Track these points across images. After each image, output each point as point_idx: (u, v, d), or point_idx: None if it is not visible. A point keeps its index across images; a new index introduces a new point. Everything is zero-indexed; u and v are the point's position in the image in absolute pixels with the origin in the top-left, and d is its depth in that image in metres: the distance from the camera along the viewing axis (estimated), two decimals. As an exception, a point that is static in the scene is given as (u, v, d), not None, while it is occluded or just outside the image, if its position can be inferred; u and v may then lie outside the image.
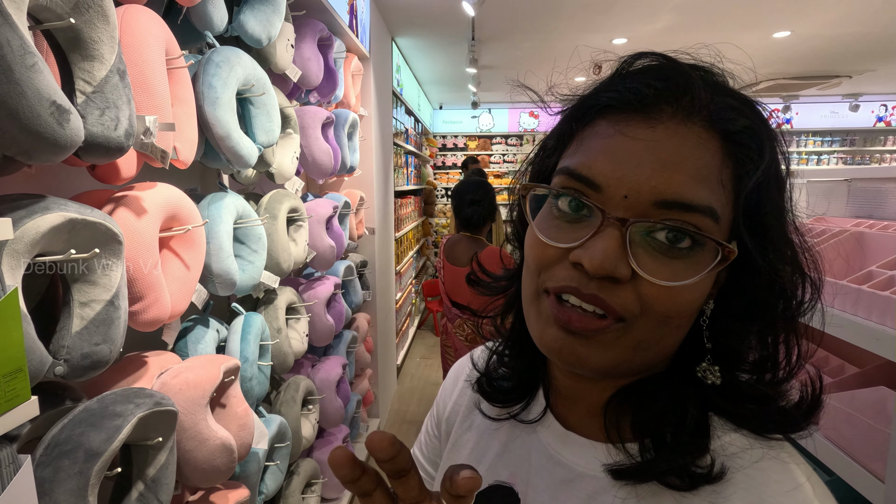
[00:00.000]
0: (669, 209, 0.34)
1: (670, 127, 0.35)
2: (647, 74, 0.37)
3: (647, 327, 0.36)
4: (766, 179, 0.36)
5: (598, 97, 0.39)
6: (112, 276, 0.71)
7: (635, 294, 0.35)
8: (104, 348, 0.69)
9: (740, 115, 0.36)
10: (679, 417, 0.38)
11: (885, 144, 6.90)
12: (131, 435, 0.69)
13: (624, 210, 0.35)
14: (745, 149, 0.36)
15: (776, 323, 0.38)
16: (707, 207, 0.34)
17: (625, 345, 0.36)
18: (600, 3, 2.99)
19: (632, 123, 0.36)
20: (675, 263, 0.35)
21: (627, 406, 0.40)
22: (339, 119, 1.90)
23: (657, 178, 0.34)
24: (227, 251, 1.08)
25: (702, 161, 0.35)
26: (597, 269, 0.34)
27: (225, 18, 1.07)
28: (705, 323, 0.39)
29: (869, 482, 0.70)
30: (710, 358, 0.39)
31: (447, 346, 2.40)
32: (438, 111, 7.25)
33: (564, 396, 0.45)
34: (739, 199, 0.36)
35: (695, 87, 0.36)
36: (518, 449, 0.46)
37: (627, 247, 0.34)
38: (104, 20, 0.65)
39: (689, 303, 0.36)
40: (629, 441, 0.39)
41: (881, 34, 3.67)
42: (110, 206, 0.80)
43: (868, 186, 1.20)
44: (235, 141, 1.05)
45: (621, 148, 0.36)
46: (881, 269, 0.76)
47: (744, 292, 0.38)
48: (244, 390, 1.15)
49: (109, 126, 0.67)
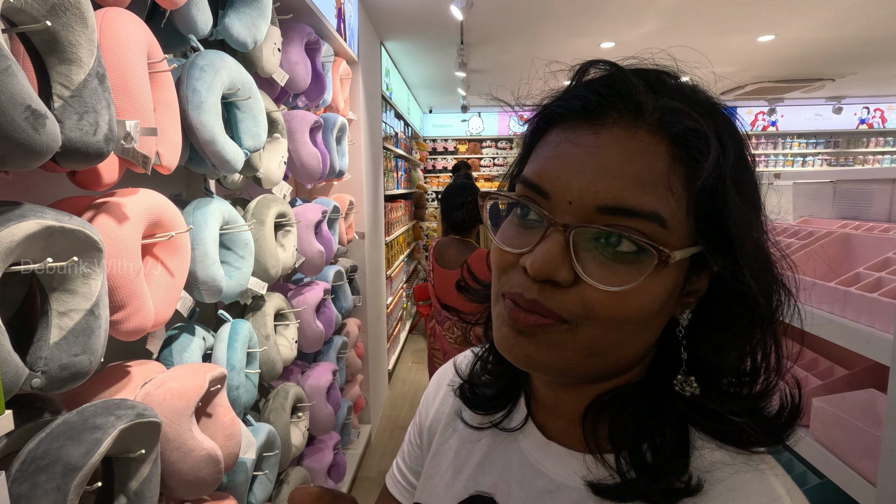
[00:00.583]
0: (612, 215, 0.34)
1: (614, 132, 0.36)
2: (595, 83, 0.38)
3: (594, 331, 0.36)
4: (721, 182, 0.35)
5: (550, 107, 0.40)
6: (92, 285, 0.69)
7: (579, 298, 0.35)
8: (84, 359, 0.67)
9: (686, 118, 0.35)
10: (656, 431, 0.37)
11: (867, 146, 7.02)
12: (112, 448, 0.67)
13: (569, 216, 0.35)
14: (692, 151, 0.35)
15: (751, 333, 0.38)
16: (651, 213, 0.34)
17: (574, 348, 0.36)
18: (587, 8, 3.01)
19: (578, 130, 0.37)
20: (620, 269, 0.35)
21: (604, 416, 0.40)
22: (327, 123, 1.89)
23: (599, 183, 0.34)
24: (212, 257, 1.06)
25: (645, 165, 0.34)
26: (536, 272, 0.35)
27: (209, 22, 1.06)
28: (681, 333, 0.39)
29: (860, 485, 0.70)
30: (686, 369, 0.38)
31: (435, 350, 2.39)
32: (428, 115, 7.25)
33: (544, 405, 0.45)
34: (689, 203, 0.35)
35: (639, 92, 0.36)
36: (500, 458, 0.46)
37: (571, 251, 0.35)
38: (82, 23, 0.64)
39: (638, 308, 0.35)
40: (607, 452, 0.39)
41: (862, 38, 3.74)
42: (90, 212, 0.78)
43: (853, 188, 1.22)
44: (221, 146, 1.04)
45: (566, 155, 0.36)
46: (868, 270, 0.76)
47: (716, 301, 0.38)
48: (231, 399, 1.13)
49: (88, 131, 0.65)
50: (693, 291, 0.38)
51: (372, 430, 2.91)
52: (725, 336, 0.38)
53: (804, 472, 0.89)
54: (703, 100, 0.38)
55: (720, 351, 0.38)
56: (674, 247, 0.35)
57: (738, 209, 0.35)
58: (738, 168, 0.36)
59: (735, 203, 0.35)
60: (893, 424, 0.63)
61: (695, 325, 0.39)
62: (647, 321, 0.37)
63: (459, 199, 2.22)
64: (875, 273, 0.75)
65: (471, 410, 0.50)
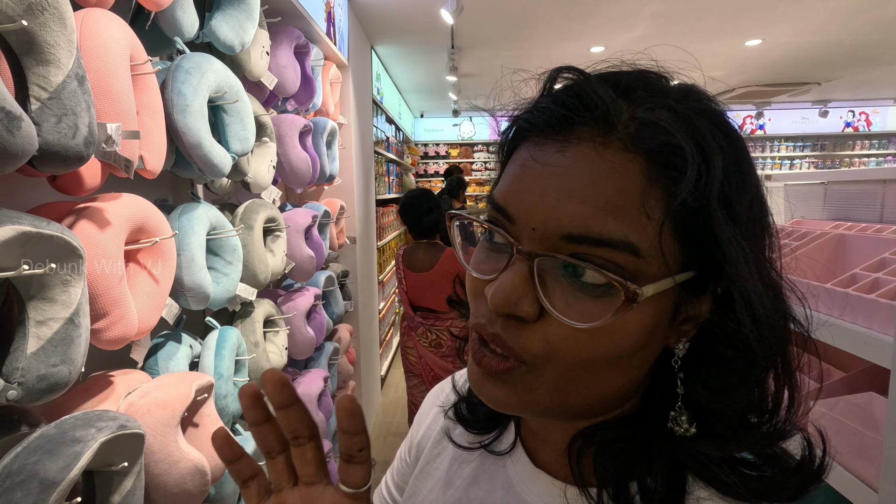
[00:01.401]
0: (578, 243, 0.30)
1: (582, 150, 0.31)
2: (562, 92, 0.34)
3: (557, 371, 0.32)
4: (705, 204, 0.30)
5: (518, 120, 0.36)
6: (72, 292, 0.67)
7: (542, 335, 0.32)
8: (62, 369, 0.65)
9: (662, 132, 0.30)
10: (645, 470, 0.34)
11: (853, 149, 7.13)
12: (93, 461, 0.65)
13: (534, 243, 0.32)
14: (670, 170, 0.30)
15: (748, 374, 0.33)
16: (621, 241, 0.30)
17: (541, 389, 0.33)
18: (577, 12, 3.03)
19: (544, 147, 0.33)
20: (587, 303, 0.30)
21: (590, 449, 0.36)
22: (317, 127, 1.87)
23: (562, 209, 0.30)
24: (199, 263, 1.04)
25: (615, 188, 0.30)
26: (496, 305, 0.32)
27: (195, 24, 1.04)
28: (677, 364, 0.34)
29: (860, 490, 0.69)
30: (682, 405, 0.34)
31: (408, 348, 2.41)
32: (420, 119, 7.26)
33: (534, 432, 0.43)
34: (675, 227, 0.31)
35: (609, 105, 0.31)
36: (487, 483, 0.44)
37: (535, 282, 0.31)
38: (60, 23, 0.62)
39: (610, 347, 0.31)
40: (592, 486, 0.36)
41: (847, 43, 3.80)
42: (71, 218, 0.75)
43: (844, 189, 1.22)
44: (207, 149, 1.02)
45: (530, 175, 0.33)
46: (864, 271, 0.76)
47: (714, 333, 0.33)
48: (219, 408, 1.10)
49: (67, 134, 0.63)
50: (692, 318, 0.34)
51: (365, 437, 2.88)
52: (720, 375, 0.33)
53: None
54: (689, 105, 0.32)
55: (716, 391, 0.33)
56: (650, 278, 0.30)
57: (727, 233, 0.30)
58: (728, 184, 0.31)
59: (723, 226, 0.30)
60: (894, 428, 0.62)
61: (696, 356, 0.34)
62: (625, 358, 0.32)
63: (426, 206, 2.30)
64: (872, 274, 0.74)
65: (463, 429, 0.48)
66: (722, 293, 0.33)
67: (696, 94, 0.34)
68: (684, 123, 0.31)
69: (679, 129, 0.31)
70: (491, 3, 2.86)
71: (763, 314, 0.31)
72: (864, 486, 0.68)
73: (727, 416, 0.33)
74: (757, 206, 0.33)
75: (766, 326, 0.32)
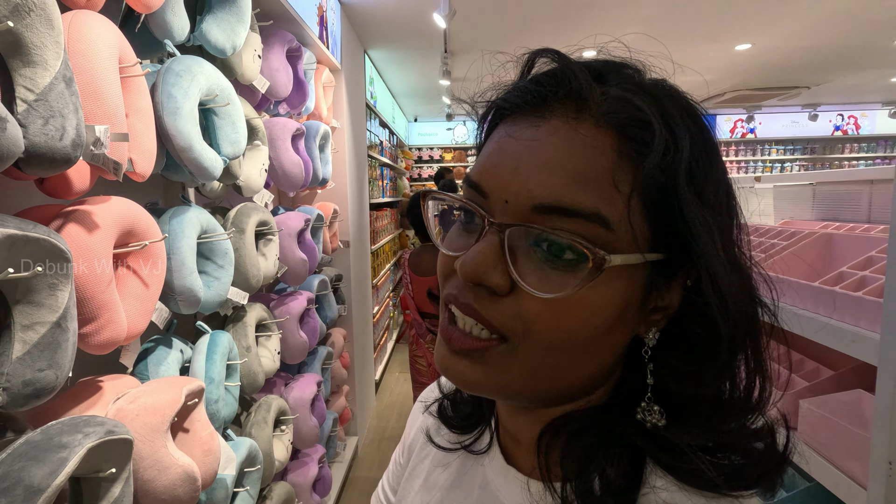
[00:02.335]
0: (549, 214, 0.31)
1: (555, 125, 0.32)
2: (539, 75, 0.35)
3: (535, 353, 0.32)
4: (674, 180, 0.31)
5: (496, 102, 0.37)
6: (59, 296, 0.66)
7: (517, 310, 0.32)
8: (49, 374, 0.64)
9: (632, 108, 0.31)
10: (606, 461, 0.33)
11: (843, 152, 7.22)
12: (80, 467, 0.64)
13: (506, 216, 0.32)
14: (638, 144, 0.31)
15: (717, 361, 0.33)
16: (591, 213, 0.30)
17: (514, 371, 0.33)
18: (569, 17, 3.05)
19: (519, 124, 0.34)
20: (556, 275, 0.31)
21: (557, 442, 0.36)
22: (310, 131, 1.87)
23: (534, 180, 0.31)
24: (189, 267, 1.03)
25: (587, 161, 0.31)
26: (465, 274, 0.32)
27: (186, 27, 1.04)
28: (647, 354, 0.34)
29: (849, 487, 0.69)
30: (652, 396, 0.34)
31: (417, 357, 2.39)
32: (413, 123, 7.27)
33: (507, 430, 0.43)
34: (645, 205, 0.31)
35: (582, 82, 0.33)
36: (466, 483, 0.44)
37: (506, 254, 0.32)
38: (47, 25, 0.61)
39: (579, 324, 0.31)
40: (557, 480, 0.35)
41: (834, 47, 3.85)
42: (59, 221, 0.75)
43: (832, 190, 1.24)
44: (198, 152, 1.01)
45: (505, 150, 0.33)
46: (852, 269, 0.77)
47: (685, 320, 0.34)
48: (210, 413, 1.09)
49: (54, 136, 0.63)
50: (661, 308, 0.34)
51: (359, 442, 2.86)
52: (690, 361, 0.33)
53: (793, 475, 0.88)
54: (659, 91, 0.33)
55: (684, 378, 0.33)
56: (619, 251, 0.31)
57: (694, 212, 0.31)
58: (696, 165, 0.31)
59: (691, 204, 0.31)
60: (882, 425, 0.62)
61: (665, 346, 0.35)
62: (596, 339, 0.32)
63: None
64: (859, 272, 0.75)
65: (447, 429, 0.48)
66: (692, 284, 0.33)
67: (667, 84, 0.35)
68: (654, 102, 0.32)
69: (648, 106, 0.32)
70: (484, 8, 2.88)
71: (729, 292, 0.31)
72: (852, 483, 0.69)
73: (696, 404, 0.34)
74: (723, 190, 0.34)
75: (732, 305, 0.32)
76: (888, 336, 0.62)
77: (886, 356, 0.62)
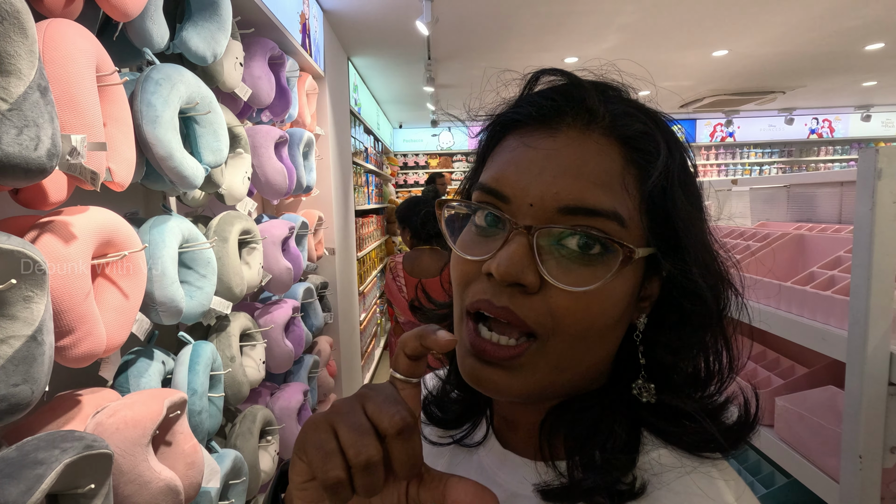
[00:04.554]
0: (574, 215, 0.34)
1: (570, 135, 0.36)
2: (549, 90, 0.39)
3: (562, 346, 0.35)
4: (670, 183, 0.36)
5: (505, 115, 0.40)
6: (34, 309, 0.65)
7: (546, 306, 0.34)
8: (24, 389, 0.63)
9: (636, 121, 0.37)
10: (608, 434, 0.37)
11: (818, 155, 7.41)
12: (57, 484, 0.63)
13: (531, 218, 0.35)
14: (644, 153, 0.36)
15: (702, 331, 0.38)
16: (611, 212, 0.34)
17: (543, 369, 0.36)
18: (550, 24, 3.09)
19: (534, 135, 0.37)
20: (584, 270, 0.34)
21: (560, 424, 0.39)
22: (293, 138, 1.86)
23: (559, 184, 0.34)
24: (171, 277, 1.02)
25: (602, 167, 0.35)
26: (503, 274, 0.34)
27: (165, 35, 1.03)
28: (639, 338, 0.39)
29: (824, 482, 0.71)
30: (645, 374, 0.38)
31: None
32: (398, 130, 7.27)
33: (505, 419, 0.44)
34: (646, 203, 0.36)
35: (591, 98, 0.37)
36: (458, 472, 0.45)
37: (535, 254, 0.34)
38: (21, 33, 0.61)
39: (602, 313, 0.35)
40: (561, 459, 0.39)
41: (807, 53, 3.96)
42: (34, 232, 0.73)
43: (805, 191, 1.27)
44: (178, 161, 1.00)
45: (525, 158, 0.36)
46: (822, 269, 0.79)
47: (668, 303, 0.38)
48: (193, 425, 1.08)
49: (28, 146, 0.62)
50: (647, 297, 0.39)
51: (347, 450, 2.84)
52: (678, 336, 0.38)
53: (772, 472, 0.90)
54: (647, 109, 0.39)
55: (674, 352, 0.38)
56: (635, 245, 0.35)
57: (685, 209, 0.36)
58: (683, 171, 0.37)
59: (683, 203, 0.36)
60: (851, 420, 0.64)
61: (650, 329, 0.39)
62: (610, 328, 0.36)
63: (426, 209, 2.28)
64: (828, 271, 0.77)
65: (434, 427, 0.49)
66: (668, 275, 0.37)
67: (647, 105, 0.40)
68: (649, 117, 0.38)
69: (646, 120, 0.37)
70: (466, 15, 2.91)
71: (709, 276, 0.37)
72: (825, 478, 0.70)
73: (680, 377, 0.39)
74: (698, 192, 0.39)
75: (711, 286, 0.37)
76: (855, 333, 0.64)
77: (854, 352, 0.64)
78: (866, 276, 0.64)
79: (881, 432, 0.65)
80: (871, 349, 0.64)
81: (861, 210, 0.64)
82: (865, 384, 0.64)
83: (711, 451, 0.36)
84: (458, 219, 0.41)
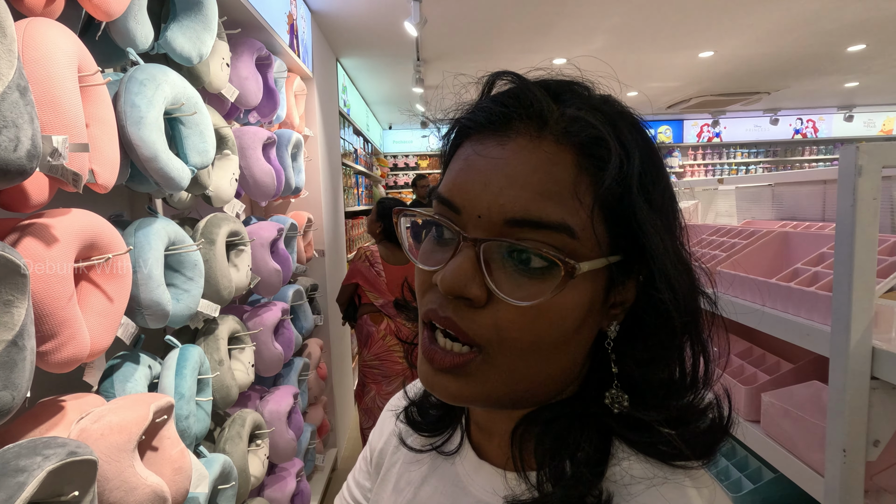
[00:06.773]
0: (521, 227, 0.33)
1: (520, 143, 0.35)
2: (501, 95, 0.37)
3: (511, 358, 0.34)
4: (626, 189, 0.34)
5: (460, 121, 0.39)
6: (15, 314, 0.63)
7: (493, 320, 0.34)
8: (5, 395, 0.62)
9: (588, 127, 0.34)
10: (576, 446, 0.36)
11: (803, 154, 7.53)
12: (39, 491, 0.61)
13: (480, 230, 0.34)
14: (596, 160, 0.34)
15: (671, 343, 0.36)
16: (559, 223, 0.33)
17: (494, 379, 0.35)
18: (539, 26, 3.11)
19: (485, 143, 0.36)
20: (531, 283, 0.33)
21: (531, 433, 0.38)
22: (281, 139, 1.85)
23: (504, 196, 0.33)
24: (157, 280, 1.00)
25: (551, 176, 0.33)
26: (447, 288, 0.34)
27: (150, 35, 1.02)
28: (610, 346, 0.37)
29: (809, 477, 0.72)
30: (619, 384, 0.37)
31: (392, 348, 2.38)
32: (388, 131, 7.26)
33: (481, 427, 0.44)
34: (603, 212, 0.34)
35: (542, 103, 0.35)
36: (437, 482, 0.45)
37: (482, 267, 0.34)
38: None
39: (550, 326, 0.34)
40: (532, 469, 0.38)
41: (791, 54, 4.03)
42: (15, 235, 0.72)
43: (790, 190, 1.29)
44: (164, 162, 0.99)
45: (474, 168, 0.35)
46: (806, 265, 0.80)
47: (641, 312, 0.37)
48: (180, 430, 1.06)
49: (8, 147, 0.61)
50: (620, 303, 0.37)
51: (338, 454, 2.82)
52: (647, 347, 0.37)
53: (759, 467, 0.91)
54: (609, 108, 0.37)
55: (644, 363, 0.36)
56: (584, 258, 0.33)
57: (646, 216, 0.34)
58: (645, 175, 0.35)
59: (643, 210, 0.34)
60: (835, 414, 0.65)
61: (625, 337, 0.38)
62: (567, 339, 0.35)
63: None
64: (811, 268, 0.78)
65: (416, 433, 0.49)
66: (644, 279, 0.36)
67: (614, 101, 0.38)
68: (607, 121, 0.35)
69: (602, 124, 0.35)
70: (455, 16, 2.91)
71: (676, 283, 0.35)
72: (811, 472, 0.71)
73: (654, 386, 0.37)
74: (668, 196, 0.37)
75: (680, 295, 0.35)
76: (838, 328, 0.65)
77: (837, 348, 0.65)
78: (848, 273, 0.65)
79: (864, 426, 0.66)
80: (853, 344, 0.65)
81: (842, 207, 0.65)
82: (849, 379, 0.65)
83: (686, 459, 0.35)
84: (420, 226, 0.41)
